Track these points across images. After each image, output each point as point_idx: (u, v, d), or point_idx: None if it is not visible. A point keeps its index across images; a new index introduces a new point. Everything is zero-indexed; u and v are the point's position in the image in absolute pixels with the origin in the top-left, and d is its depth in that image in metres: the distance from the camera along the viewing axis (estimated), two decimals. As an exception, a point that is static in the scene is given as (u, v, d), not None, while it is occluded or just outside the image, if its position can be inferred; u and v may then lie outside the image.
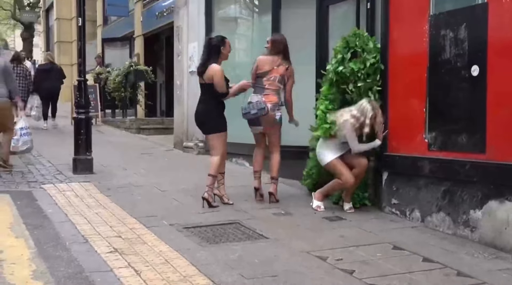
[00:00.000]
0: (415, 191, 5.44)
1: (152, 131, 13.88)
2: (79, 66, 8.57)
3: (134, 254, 4.43)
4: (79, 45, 8.46)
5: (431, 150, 5.25)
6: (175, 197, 6.51)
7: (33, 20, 29.53)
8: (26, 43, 28.54)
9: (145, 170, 8.40)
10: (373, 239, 4.87)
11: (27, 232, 5.04)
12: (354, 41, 5.87)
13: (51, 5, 26.91)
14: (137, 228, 5.16)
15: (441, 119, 5.17)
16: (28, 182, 7.42)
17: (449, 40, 5.03)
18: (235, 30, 9.74)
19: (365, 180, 5.94)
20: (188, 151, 10.20)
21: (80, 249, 4.56)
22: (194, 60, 10.22)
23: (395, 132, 5.69)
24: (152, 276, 3.94)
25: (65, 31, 24.41)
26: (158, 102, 17.67)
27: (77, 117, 8.17)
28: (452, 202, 5.03)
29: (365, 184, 5.96)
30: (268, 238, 4.93)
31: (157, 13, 16.15)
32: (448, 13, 5.13)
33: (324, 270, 4.10)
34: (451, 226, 5.02)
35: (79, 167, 7.93)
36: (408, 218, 5.50)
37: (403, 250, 4.56)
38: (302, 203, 6.20)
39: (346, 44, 5.91)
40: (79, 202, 6.24)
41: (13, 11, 31.64)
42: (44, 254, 4.42)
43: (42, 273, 4.00)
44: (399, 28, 5.67)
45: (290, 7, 7.96)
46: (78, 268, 4.12)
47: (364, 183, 5.93)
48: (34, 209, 5.97)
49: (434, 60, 5.19)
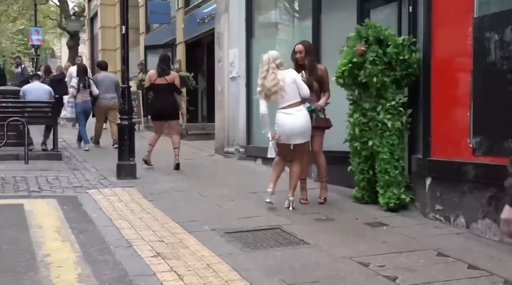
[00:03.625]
0: (460, 197, 5.33)
1: (193, 137, 14.01)
2: (123, 74, 8.74)
3: (176, 258, 4.47)
4: (122, 53, 8.63)
5: (475, 155, 5.14)
6: (216, 202, 6.55)
7: (79, 29, 30.25)
8: (72, 51, 29.24)
9: (186, 175, 8.49)
10: (416, 246, 4.79)
11: (73, 236, 5.16)
12: (366, 31, 6.00)
13: (96, 14, 27.52)
14: (179, 233, 5.22)
15: (486, 123, 5.06)
16: (74, 187, 7.59)
17: (494, 42, 4.92)
18: (276, 36, 9.76)
19: (405, 182, 5.93)
20: (229, 156, 10.25)
21: (124, 253, 4.63)
22: (235, 66, 10.29)
23: (439, 137, 5.60)
24: (194, 280, 3.97)
25: (109, 39, 24.91)
26: (199, 108, 17.83)
27: (121, 124, 8.32)
28: (498, 208, 4.90)
29: (398, 183, 5.92)
30: (309, 244, 4.91)
31: (198, 20, 16.32)
32: (493, 15, 5.02)
33: (366, 276, 4.06)
34: (498, 233, 4.89)
35: (122, 173, 8.07)
36: (453, 224, 5.40)
37: (447, 257, 4.48)
38: (344, 209, 6.16)
39: (358, 35, 6.04)
40: (123, 206, 6.35)
41: (59, 21, 32.51)
42: (89, 258, 4.51)
43: (87, 276, 4.09)
44: (442, 32, 5.58)
45: (331, 11, 7.93)
46: (122, 272, 4.19)
47: (398, 182, 5.90)
48: (80, 213, 6.11)
49: (479, 64, 5.09)
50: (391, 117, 5.89)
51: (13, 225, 5.56)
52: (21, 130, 9.92)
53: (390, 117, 5.89)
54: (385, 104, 5.93)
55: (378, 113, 5.96)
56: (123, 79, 8.70)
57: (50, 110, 10.29)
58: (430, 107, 5.66)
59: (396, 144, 5.90)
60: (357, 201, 6.36)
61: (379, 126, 5.95)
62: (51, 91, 11.04)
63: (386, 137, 5.91)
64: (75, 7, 32.19)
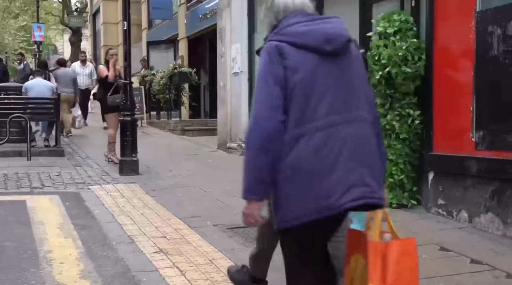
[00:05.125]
0: (462, 191, 5.32)
1: (196, 132, 14.01)
2: (125, 69, 8.73)
3: (178, 254, 4.47)
4: (124, 49, 8.64)
5: (478, 149, 5.12)
6: (218, 197, 6.55)
7: (81, 25, 30.21)
8: (74, 47, 29.23)
9: (189, 171, 8.49)
10: (419, 240, 4.70)
11: (75, 232, 5.17)
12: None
13: (98, 10, 27.53)
14: (182, 229, 5.22)
15: (489, 118, 5.04)
16: (76, 183, 7.60)
17: (497, 37, 4.90)
18: (278, 31, 9.72)
19: (410, 186, 5.86)
20: (232, 151, 10.25)
21: (126, 249, 4.64)
22: (237, 62, 10.28)
23: (441, 131, 5.58)
24: (196, 276, 3.97)
25: (111, 35, 24.91)
26: (202, 103, 17.83)
27: (123, 120, 8.32)
28: (501, 202, 4.90)
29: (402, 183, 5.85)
30: (311, 239, 4.90)
31: (200, 15, 16.30)
32: (495, 9, 4.99)
33: (368, 271, 4.05)
34: (500, 227, 4.89)
35: (125, 168, 8.08)
36: (455, 219, 5.39)
37: (450, 251, 4.47)
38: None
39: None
40: (125, 202, 6.35)
41: (61, 17, 32.47)
42: (91, 254, 4.51)
43: (90, 272, 4.09)
44: (444, 26, 5.56)
45: (333, 5, 7.90)
46: (124, 267, 4.19)
47: (401, 185, 5.83)
48: (82, 209, 6.11)
49: (481, 58, 5.07)
50: (399, 119, 5.77)
51: (15, 221, 5.57)
52: (24, 127, 9.94)
53: (399, 119, 5.77)
54: (395, 104, 5.78)
55: (387, 113, 5.82)
56: (125, 75, 8.68)
57: (52, 107, 10.29)
58: (433, 102, 5.64)
59: (401, 147, 5.80)
60: None
61: (386, 127, 5.83)
62: (53, 87, 11.06)
63: (393, 140, 5.83)
64: (77, 3, 32.14)
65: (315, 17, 2.52)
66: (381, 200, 2.45)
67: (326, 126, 2.35)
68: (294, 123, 2.34)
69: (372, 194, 2.40)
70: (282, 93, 2.35)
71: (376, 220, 2.48)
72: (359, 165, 2.37)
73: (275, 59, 2.38)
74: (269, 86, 2.37)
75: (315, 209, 2.32)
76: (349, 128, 2.38)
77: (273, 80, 2.36)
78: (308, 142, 2.33)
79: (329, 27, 2.46)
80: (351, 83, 2.44)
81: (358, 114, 2.43)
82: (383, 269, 2.40)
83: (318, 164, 2.32)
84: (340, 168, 2.33)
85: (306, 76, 2.36)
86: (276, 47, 2.40)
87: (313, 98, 2.36)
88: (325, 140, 2.33)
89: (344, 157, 2.34)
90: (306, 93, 2.36)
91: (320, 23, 2.47)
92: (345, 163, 2.34)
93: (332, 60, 2.42)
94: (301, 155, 2.33)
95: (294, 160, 2.33)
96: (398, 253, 2.42)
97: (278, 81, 2.36)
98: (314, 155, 2.32)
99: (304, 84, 2.36)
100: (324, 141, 2.33)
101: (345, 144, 2.36)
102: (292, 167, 2.33)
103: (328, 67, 2.41)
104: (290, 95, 2.35)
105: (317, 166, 2.32)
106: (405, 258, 2.44)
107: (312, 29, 2.43)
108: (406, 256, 2.46)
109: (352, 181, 2.34)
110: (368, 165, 2.40)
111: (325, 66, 2.40)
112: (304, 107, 2.35)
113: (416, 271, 2.50)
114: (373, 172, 2.42)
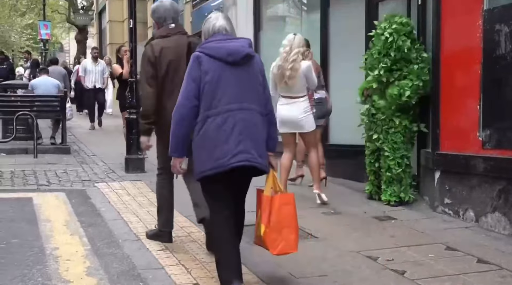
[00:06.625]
0: (469, 190, 5.30)
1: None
2: (131, 67, 8.73)
3: (184, 252, 4.48)
4: (130, 47, 8.63)
5: (485, 148, 5.10)
6: (224, 195, 6.54)
7: (87, 23, 30.27)
8: (80, 45, 29.29)
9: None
10: (425, 239, 4.77)
11: (82, 230, 5.18)
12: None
13: (104, 8, 27.51)
14: (187, 226, 5.23)
15: (496, 117, 5.02)
16: (82, 180, 7.61)
17: (504, 35, 4.87)
18: (283, 29, 9.71)
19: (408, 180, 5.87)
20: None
21: (132, 247, 4.65)
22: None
23: (448, 130, 5.56)
24: (202, 274, 3.98)
25: (117, 33, 24.88)
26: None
27: (129, 118, 8.32)
28: (508, 202, 4.88)
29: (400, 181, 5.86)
30: (317, 237, 4.90)
31: (206, 13, 16.23)
32: (503, 7, 4.97)
33: (374, 270, 4.05)
34: (507, 226, 4.87)
35: (131, 166, 8.08)
36: (462, 218, 5.37)
37: (456, 251, 4.46)
38: (351, 202, 6.14)
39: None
40: (131, 200, 6.36)
41: (67, 15, 32.53)
42: (97, 251, 4.53)
43: (96, 269, 4.10)
44: (451, 24, 5.53)
45: (339, 4, 7.89)
46: (130, 265, 4.20)
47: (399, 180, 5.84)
48: (88, 207, 6.13)
49: (489, 56, 5.05)
50: (400, 114, 5.82)
51: (22, 218, 5.59)
52: (30, 124, 9.97)
53: (399, 114, 5.82)
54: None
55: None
56: (131, 73, 8.68)
57: (58, 104, 10.32)
58: (439, 101, 5.62)
59: (399, 141, 5.81)
60: (368, 194, 6.29)
61: (386, 121, 5.88)
62: (59, 85, 11.09)
63: (391, 134, 5.85)
64: (83, 1, 32.20)
65: (228, 37, 3.61)
66: (262, 165, 3.52)
67: (226, 111, 3.44)
68: (204, 109, 3.46)
69: (254, 159, 3.47)
70: (197, 88, 3.46)
71: (268, 180, 3.70)
72: (245, 139, 3.44)
73: (195, 64, 3.51)
74: (188, 83, 3.51)
75: (214, 167, 3.43)
76: (241, 114, 3.46)
77: (192, 79, 3.49)
78: (212, 122, 3.44)
79: (232, 45, 3.54)
80: (246, 85, 3.54)
81: (249, 106, 3.51)
82: (270, 214, 3.64)
83: (217, 136, 3.42)
84: (232, 140, 3.42)
85: (214, 77, 3.46)
86: (197, 56, 3.53)
87: (218, 92, 3.46)
88: (224, 121, 3.43)
89: (235, 133, 3.43)
90: (213, 89, 3.46)
91: (228, 42, 3.55)
92: (236, 137, 3.42)
93: (234, 68, 3.51)
94: (208, 130, 3.44)
95: (203, 133, 3.46)
96: (280, 203, 3.66)
97: (195, 80, 3.47)
98: (216, 131, 3.43)
99: (212, 83, 3.46)
100: (223, 121, 3.43)
101: (237, 124, 3.44)
102: (202, 137, 3.46)
103: (231, 73, 3.50)
104: (203, 90, 3.47)
105: (217, 138, 3.42)
106: (285, 207, 3.68)
107: (221, 45, 3.52)
108: (287, 205, 3.69)
109: (239, 149, 3.41)
110: (252, 139, 3.47)
111: (228, 72, 3.49)
112: (211, 98, 3.45)
113: (294, 216, 3.73)
114: (256, 145, 3.49)
